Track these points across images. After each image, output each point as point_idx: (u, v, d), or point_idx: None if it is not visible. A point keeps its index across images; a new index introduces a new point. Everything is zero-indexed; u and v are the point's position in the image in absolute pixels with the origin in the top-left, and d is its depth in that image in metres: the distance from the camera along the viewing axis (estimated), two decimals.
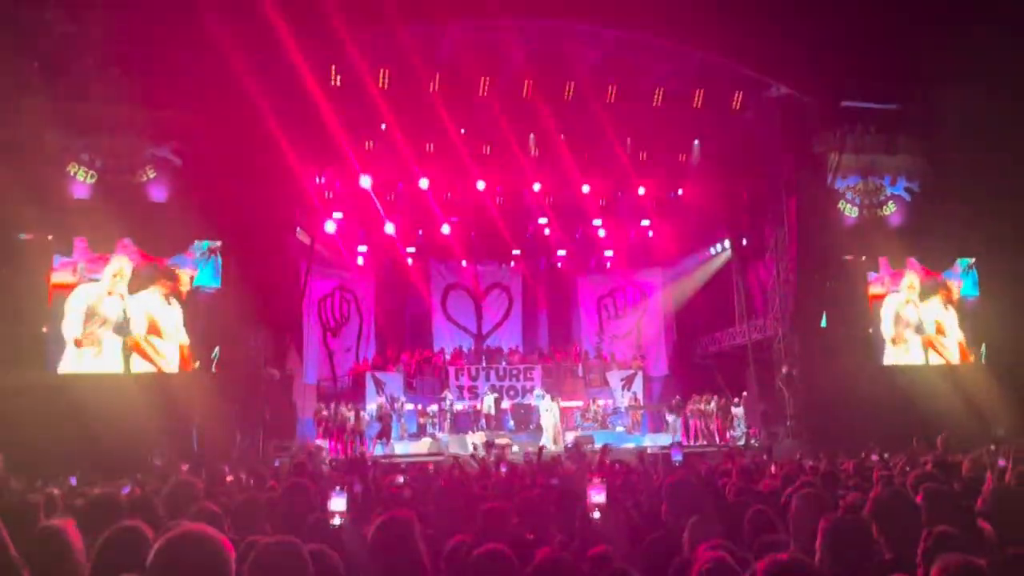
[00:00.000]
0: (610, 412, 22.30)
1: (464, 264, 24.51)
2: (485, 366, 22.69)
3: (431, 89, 17.79)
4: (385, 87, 17.47)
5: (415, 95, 17.98)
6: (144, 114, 14.91)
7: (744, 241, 21.07)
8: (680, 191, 21.87)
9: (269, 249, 16.46)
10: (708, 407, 20.57)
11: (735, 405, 20.25)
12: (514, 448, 17.18)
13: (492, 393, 21.37)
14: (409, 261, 23.82)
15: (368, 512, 5.14)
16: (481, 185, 21.09)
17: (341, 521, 4.56)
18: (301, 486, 5.30)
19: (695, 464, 10.65)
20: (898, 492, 4.46)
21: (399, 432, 19.90)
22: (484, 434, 19.15)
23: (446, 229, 22.43)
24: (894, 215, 19.20)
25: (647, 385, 23.26)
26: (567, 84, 18.26)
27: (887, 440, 12.88)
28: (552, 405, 19.89)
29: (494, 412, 20.89)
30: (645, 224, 23.25)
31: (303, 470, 9.14)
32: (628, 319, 25.41)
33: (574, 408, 21.82)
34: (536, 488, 6.85)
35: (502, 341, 24.68)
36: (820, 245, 18.17)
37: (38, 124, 14.37)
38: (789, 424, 17.92)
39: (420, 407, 21.09)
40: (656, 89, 18.57)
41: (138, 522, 3.33)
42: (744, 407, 20.01)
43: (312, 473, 9.42)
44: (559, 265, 25.53)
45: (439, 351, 23.81)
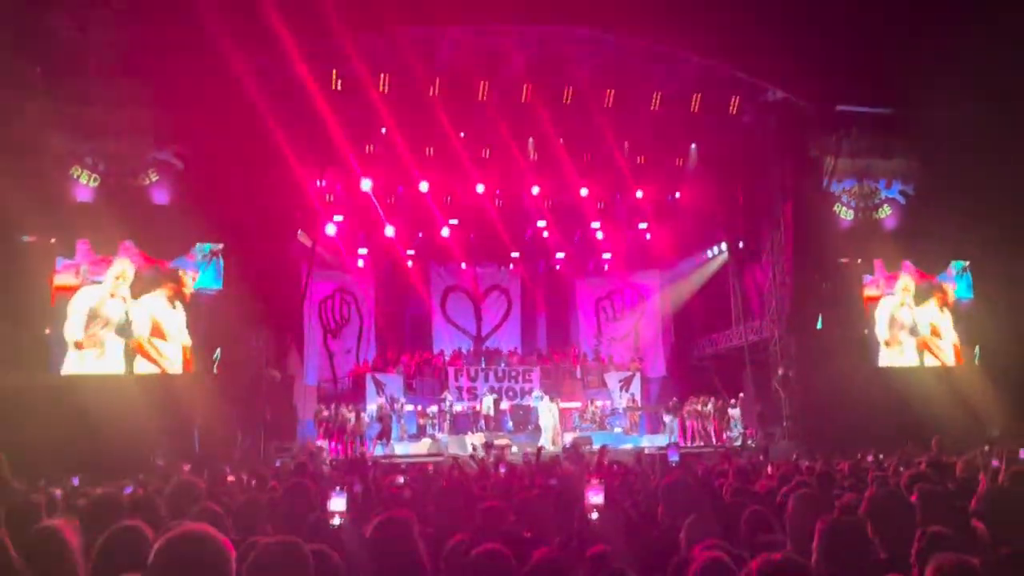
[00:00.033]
0: (608, 413, 22.29)
1: (463, 266, 24.52)
2: (484, 368, 22.68)
3: (431, 93, 17.80)
4: (385, 91, 17.47)
5: (415, 99, 17.99)
6: (147, 118, 14.91)
7: (741, 244, 21.08)
8: (677, 194, 21.91)
9: (270, 251, 16.46)
10: (705, 408, 20.56)
11: (732, 406, 20.25)
12: (513, 449, 17.16)
13: (491, 394, 21.37)
14: (409, 263, 23.83)
15: (368, 512, 5.13)
16: (480, 188, 21.11)
17: (341, 521, 4.56)
18: (302, 486, 5.30)
19: (692, 465, 10.64)
20: (893, 492, 4.46)
21: (399, 433, 19.89)
22: (483, 435, 19.13)
23: (446, 232, 22.45)
24: (889, 218, 19.21)
25: (645, 386, 23.26)
26: (566, 88, 18.27)
27: (882, 441, 12.91)
28: (551, 406, 19.87)
29: (493, 413, 20.87)
30: (643, 227, 23.29)
31: (304, 470, 9.14)
32: (626, 321, 25.42)
33: (572, 409, 21.82)
34: (535, 488, 6.85)
35: (501, 343, 24.67)
36: (816, 248, 18.18)
37: (42, 128, 14.38)
38: (785, 425, 17.93)
39: (420, 408, 21.08)
40: (654, 94, 18.58)
41: (138, 522, 3.33)
42: (741, 408, 20.01)
43: (313, 473, 9.41)
44: (558, 267, 25.54)
45: (439, 353, 23.80)
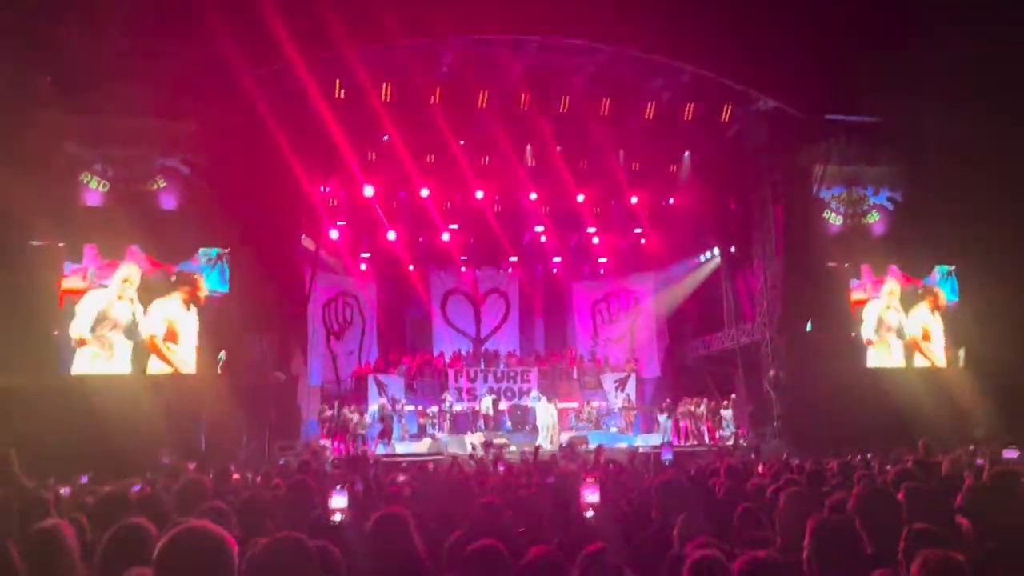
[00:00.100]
0: (604, 413, 22.28)
1: (463, 270, 24.52)
2: (483, 369, 22.66)
3: (432, 102, 17.83)
4: (387, 100, 17.50)
5: (416, 108, 18.03)
6: (155, 126, 14.93)
7: (733, 248, 21.09)
8: (671, 200, 21.94)
9: (275, 256, 16.46)
10: (698, 408, 20.57)
11: (724, 407, 20.26)
12: (511, 448, 17.14)
13: (490, 395, 21.35)
14: (410, 267, 23.85)
15: (369, 509, 5.14)
16: (480, 194, 21.15)
17: (342, 518, 4.56)
18: (305, 484, 5.30)
19: (685, 464, 10.66)
20: (880, 490, 4.46)
21: (400, 432, 19.87)
22: (482, 434, 19.12)
23: (446, 236, 22.50)
24: (877, 224, 19.25)
25: (639, 387, 23.26)
26: (563, 98, 18.32)
27: (870, 440, 12.92)
28: (548, 406, 19.87)
29: (492, 413, 20.86)
30: (637, 232, 23.33)
31: (307, 469, 9.13)
32: (621, 323, 25.41)
33: (569, 409, 21.79)
34: (532, 486, 6.86)
35: (500, 345, 24.64)
36: (806, 253, 18.22)
37: (53, 136, 14.39)
38: (776, 425, 17.93)
39: (420, 408, 21.06)
40: (648, 103, 18.63)
41: (142, 519, 3.33)
42: (733, 408, 20.02)
43: (316, 472, 9.40)
44: (555, 271, 25.54)
45: (439, 354, 23.79)
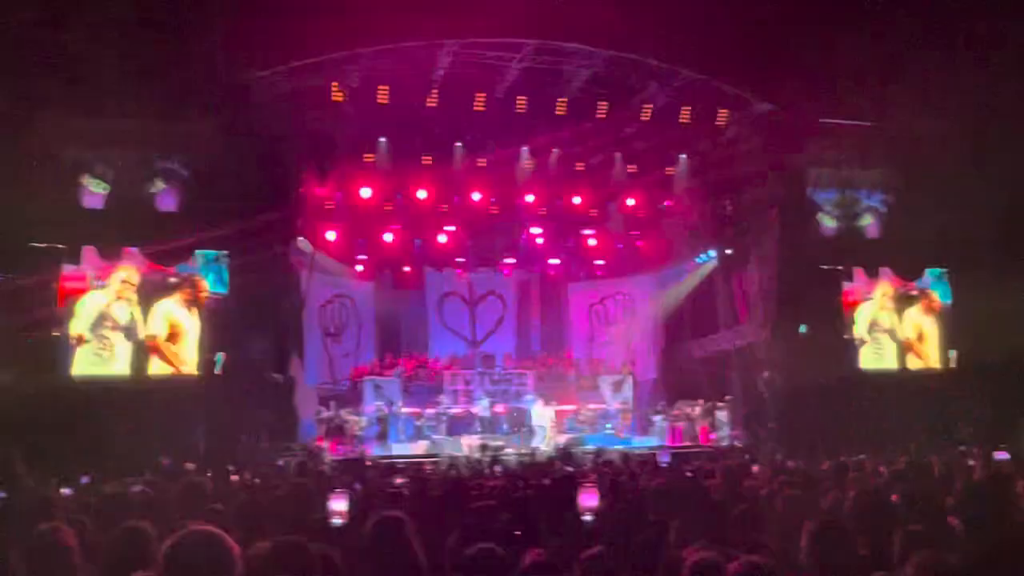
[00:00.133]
0: (600, 415, 22.27)
1: (459, 272, 24.51)
2: (480, 371, 22.64)
3: (429, 104, 17.85)
4: (384, 102, 17.52)
5: (413, 110, 18.06)
6: (155, 129, 14.92)
7: (728, 251, 21.14)
8: (667, 203, 21.97)
9: (272, 258, 16.46)
10: (694, 410, 20.57)
11: (719, 408, 20.26)
12: (507, 450, 17.15)
13: (486, 397, 21.30)
14: (406, 269, 23.85)
15: (367, 511, 5.15)
16: (476, 196, 21.18)
17: (341, 521, 4.57)
18: (304, 486, 5.31)
19: (681, 465, 10.69)
20: (875, 492, 4.50)
21: (397, 434, 19.82)
22: (479, 436, 19.10)
23: (442, 239, 22.50)
24: (870, 227, 19.32)
25: (636, 389, 23.24)
26: (559, 100, 18.34)
27: (863, 441, 12.97)
28: (545, 409, 19.87)
29: (488, 415, 20.82)
30: (634, 234, 23.34)
31: (305, 470, 9.14)
32: (618, 326, 25.40)
33: (566, 411, 21.78)
34: (528, 488, 6.87)
35: (496, 347, 24.61)
36: (800, 255, 18.26)
37: (54, 139, 14.38)
38: (770, 426, 17.95)
39: (417, 410, 21.03)
40: (644, 106, 18.66)
41: (143, 522, 3.34)
42: (728, 410, 20.03)
43: (314, 473, 9.41)
44: (551, 273, 25.55)
45: (435, 356, 23.78)
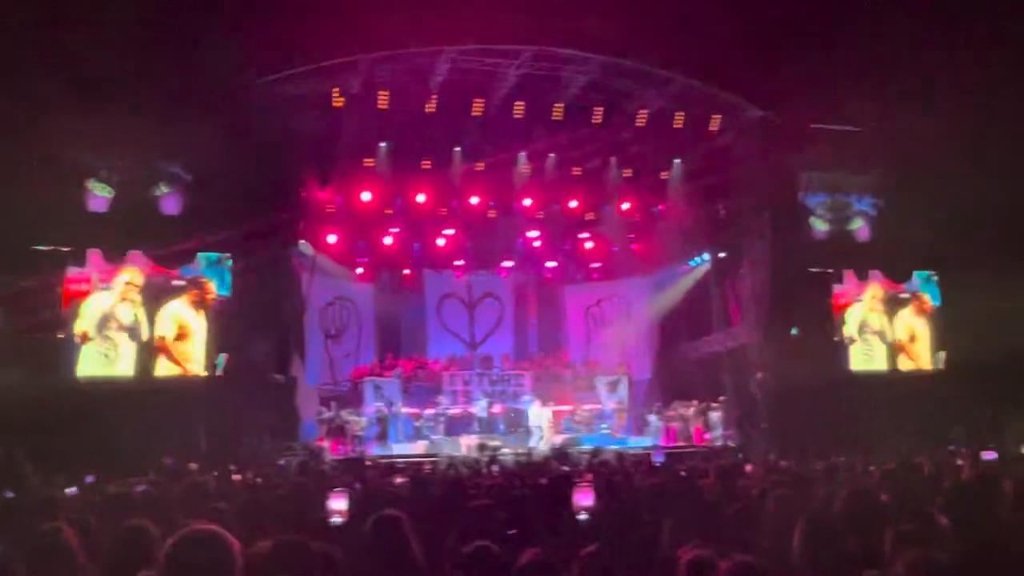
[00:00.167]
0: (596, 415, 22.27)
1: (458, 275, 24.52)
2: (478, 372, 22.65)
3: (428, 110, 17.86)
4: (384, 108, 17.53)
5: (413, 115, 18.08)
6: (159, 133, 14.91)
7: (721, 254, 21.17)
8: (662, 207, 22.01)
9: (274, 260, 16.47)
10: (688, 411, 20.57)
11: (713, 409, 20.27)
12: (505, 450, 17.14)
13: (484, 397, 21.31)
14: (406, 272, 23.86)
15: (366, 510, 5.15)
16: (475, 200, 21.21)
17: (341, 520, 4.57)
18: (305, 486, 5.31)
19: (675, 465, 10.69)
20: (865, 491, 4.50)
21: (396, 434, 19.83)
22: (477, 436, 19.09)
23: (441, 242, 22.52)
24: (861, 230, 19.36)
25: (631, 390, 23.25)
26: (556, 106, 18.36)
27: (854, 441, 12.99)
28: (542, 409, 19.87)
29: (486, 415, 20.83)
30: (629, 238, 23.37)
31: (306, 470, 9.13)
32: (613, 327, 25.40)
33: (562, 412, 21.79)
34: (525, 488, 6.87)
35: (494, 348, 24.62)
36: (792, 258, 18.29)
37: (59, 143, 14.38)
38: (763, 427, 17.96)
39: (416, 411, 21.02)
40: (639, 111, 18.69)
41: (146, 521, 3.34)
42: (721, 411, 20.04)
43: (315, 473, 9.40)
44: (548, 276, 25.57)
45: (434, 358, 23.78)
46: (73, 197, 14.92)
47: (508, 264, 24.37)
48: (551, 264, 24.84)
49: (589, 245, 23.95)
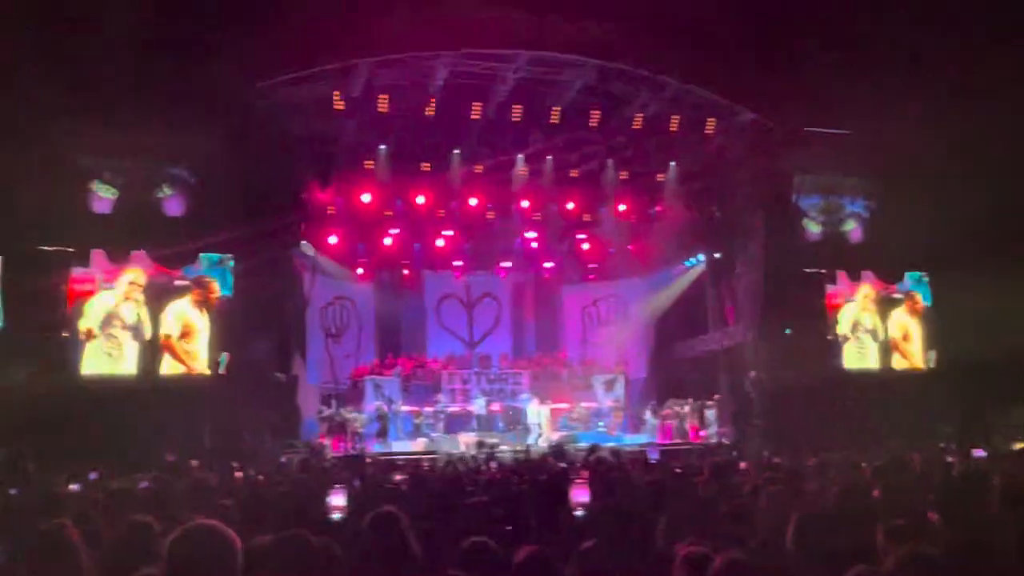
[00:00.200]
0: (593, 413, 22.28)
1: (457, 275, 24.52)
2: (476, 371, 22.65)
3: (427, 113, 17.86)
4: (384, 111, 17.52)
5: (413, 118, 18.07)
6: (163, 136, 14.90)
7: (716, 255, 21.18)
8: (658, 208, 22.02)
9: (276, 261, 16.47)
10: (683, 408, 20.58)
11: (708, 407, 20.28)
12: (503, 447, 17.13)
13: (483, 396, 21.32)
14: (405, 272, 23.86)
15: (366, 506, 5.15)
16: (473, 202, 21.21)
17: (341, 515, 4.56)
18: (306, 482, 5.31)
19: (670, 462, 10.69)
20: (858, 487, 4.51)
21: (396, 432, 19.82)
22: (475, 434, 19.08)
23: (441, 242, 22.52)
24: (853, 231, 19.38)
25: (627, 388, 23.26)
26: (553, 109, 18.36)
27: (847, 438, 13.00)
28: (539, 407, 19.87)
29: (485, 414, 20.83)
30: (626, 239, 23.38)
31: (307, 467, 9.13)
32: (610, 327, 25.41)
33: (559, 410, 21.79)
34: (523, 484, 6.87)
35: (493, 347, 24.62)
36: (785, 259, 18.31)
37: (66, 146, 14.36)
38: (757, 424, 17.98)
39: (416, 409, 21.02)
40: (635, 115, 18.70)
41: (148, 517, 3.34)
42: (716, 408, 20.05)
43: (316, 470, 9.40)
44: (546, 276, 25.57)
45: (434, 357, 23.77)
46: (78, 199, 14.91)
47: (506, 265, 24.38)
48: (549, 265, 24.84)
49: (586, 246, 23.98)
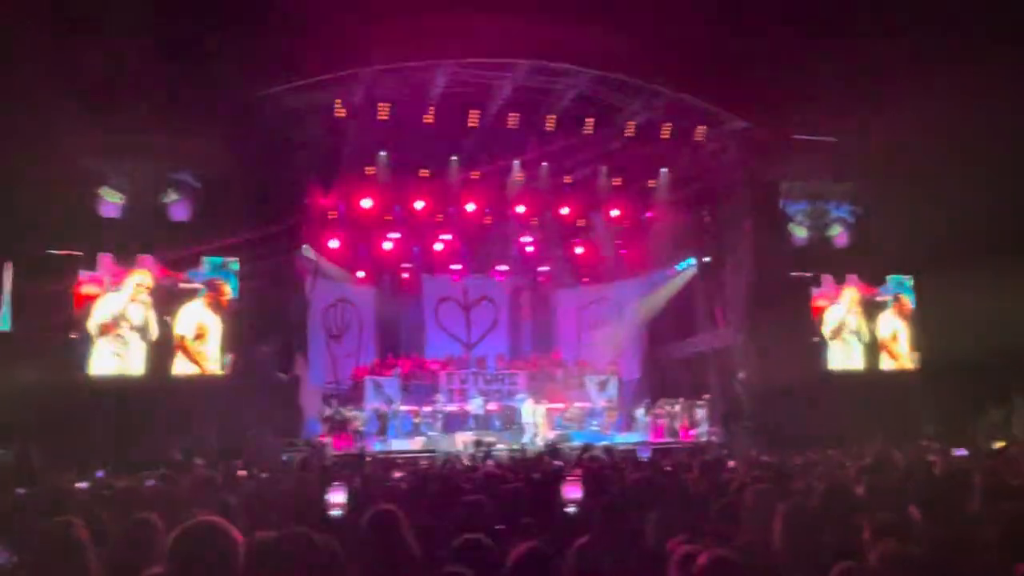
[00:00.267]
0: (587, 413, 22.27)
1: (455, 278, 24.53)
2: (474, 371, 22.65)
3: (426, 120, 17.86)
4: (384, 118, 17.53)
5: (412, 126, 18.06)
6: (169, 142, 14.90)
7: (706, 259, 21.22)
8: (650, 213, 22.06)
9: (278, 264, 16.44)
10: (674, 408, 20.60)
11: (698, 406, 20.29)
12: (499, 446, 17.11)
13: (480, 396, 21.30)
14: (405, 275, 23.87)
15: (366, 504, 5.14)
16: (471, 207, 21.22)
17: (341, 512, 4.56)
18: (307, 480, 5.29)
19: (661, 460, 10.68)
20: (842, 485, 4.52)
21: (395, 431, 19.80)
22: (472, 433, 19.06)
23: (439, 246, 22.53)
24: (838, 236, 19.42)
25: (620, 388, 23.26)
26: (548, 117, 18.39)
27: (832, 437, 13.00)
28: (535, 407, 19.87)
29: (482, 413, 20.81)
30: (619, 243, 23.41)
31: (308, 465, 9.10)
32: (604, 328, 25.41)
33: (554, 409, 21.78)
34: (519, 482, 6.86)
35: (489, 348, 24.62)
36: (773, 263, 18.34)
37: (74, 152, 14.35)
38: (745, 424, 17.98)
39: (415, 408, 20.99)
40: (628, 122, 18.73)
41: (152, 515, 3.33)
42: (706, 408, 20.06)
43: (317, 468, 9.38)
44: (542, 279, 25.59)
45: (432, 357, 23.76)
46: (86, 204, 14.89)
47: (503, 268, 24.39)
48: (544, 269, 24.88)
49: (580, 250, 24.03)
